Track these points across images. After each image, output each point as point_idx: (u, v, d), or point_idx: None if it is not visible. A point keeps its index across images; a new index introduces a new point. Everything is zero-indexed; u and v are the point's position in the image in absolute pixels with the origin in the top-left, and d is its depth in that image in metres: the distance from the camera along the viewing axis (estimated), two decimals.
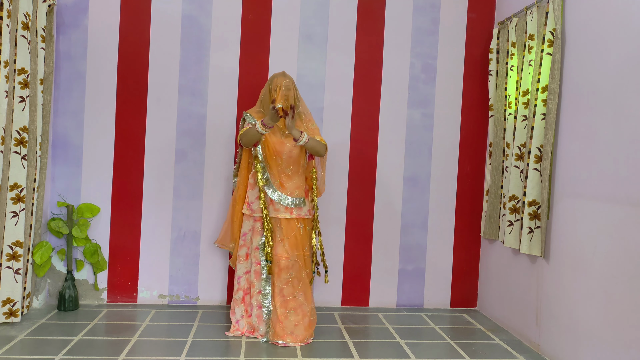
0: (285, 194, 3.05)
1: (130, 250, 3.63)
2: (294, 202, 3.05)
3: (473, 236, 3.88)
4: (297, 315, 3.00)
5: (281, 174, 3.07)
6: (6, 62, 2.89)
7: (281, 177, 3.07)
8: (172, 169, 3.64)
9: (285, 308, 2.99)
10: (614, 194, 2.43)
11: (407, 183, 3.81)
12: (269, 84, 3.11)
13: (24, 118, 3.07)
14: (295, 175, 3.10)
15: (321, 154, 3.11)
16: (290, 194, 3.06)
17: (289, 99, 3.03)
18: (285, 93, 3.02)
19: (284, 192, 3.05)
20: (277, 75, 3.10)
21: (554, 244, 2.90)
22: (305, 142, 3.00)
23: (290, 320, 2.98)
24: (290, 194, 3.06)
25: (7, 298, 3.05)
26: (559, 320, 2.82)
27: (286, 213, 3.04)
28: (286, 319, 2.98)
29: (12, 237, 3.07)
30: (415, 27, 3.79)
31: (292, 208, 3.05)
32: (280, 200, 3.03)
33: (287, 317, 2.99)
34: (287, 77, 3.09)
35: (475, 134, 3.85)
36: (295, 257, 3.03)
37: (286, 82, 3.04)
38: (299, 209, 3.07)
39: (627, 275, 2.32)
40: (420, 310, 3.77)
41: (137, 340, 2.94)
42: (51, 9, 3.36)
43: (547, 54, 2.93)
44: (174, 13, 3.62)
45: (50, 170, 3.54)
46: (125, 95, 3.60)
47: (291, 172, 3.09)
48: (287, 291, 3.01)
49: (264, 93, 3.15)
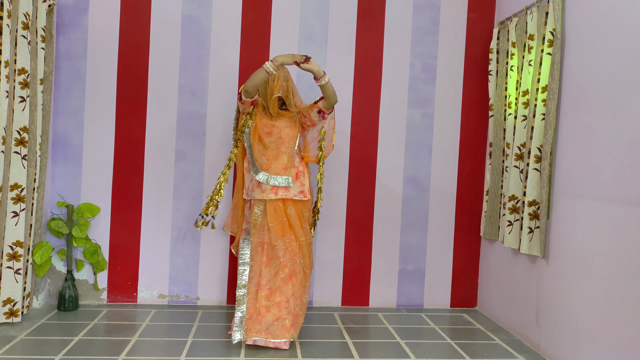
0: (270, 174, 2.97)
1: (130, 250, 3.63)
2: (278, 182, 2.97)
3: (473, 236, 3.88)
4: (280, 311, 2.90)
5: (268, 154, 3.00)
6: (6, 62, 2.89)
7: (268, 157, 2.99)
8: (172, 169, 3.64)
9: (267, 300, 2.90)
10: (614, 194, 2.43)
11: (407, 183, 3.81)
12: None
13: (24, 118, 3.07)
14: (283, 155, 3.01)
15: (333, 101, 2.99)
16: (276, 173, 2.98)
17: (288, 89, 3.02)
18: (283, 84, 3.01)
19: (270, 172, 2.98)
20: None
21: (554, 244, 2.90)
22: (327, 83, 2.91)
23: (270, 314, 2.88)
24: (276, 173, 2.98)
25: (7, 298, 3.05)
26: (559, 320, 2.82)
27: (271, 194, 2.95)
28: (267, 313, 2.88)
29: (13, 237, 3.07)
30: (415, 27, 3.79)
31: (278, 188, 2.96)
32: (267, 181, 2.96)
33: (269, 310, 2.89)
34: (284, 67, 3.07)
35: (475, 134, 3.85)
36: (284, 245, 2.94)
37: (284, 73, 3.01)
38: (286, 189, 2.98)
39: (627, 275, 2.32)
40: (420, 310, 3.77)
41: (137, 340, 2.95)
42: (51, 9, 3.36)
43: (547, 54, 2.93)
44: (174, 13, 3.62)
45: (50, 170, 3.54)
46: (125, 95, 3.60)
47: (278, 153, 3.00)
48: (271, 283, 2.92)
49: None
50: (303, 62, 2.85)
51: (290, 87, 3.03)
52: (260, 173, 2.98)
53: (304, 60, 2.85)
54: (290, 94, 3.03)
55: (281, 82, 2.99)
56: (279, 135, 3.01)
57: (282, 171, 2.99)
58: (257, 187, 3.00)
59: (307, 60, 2.86)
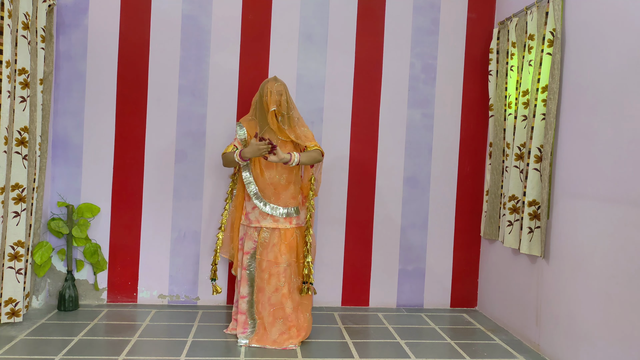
0: (279, 205, 3.00)
1: (130, 250, 3.63)
2: (288, 213, 3.01)
3: (473, 236, 3.88)
4: (284, 325, 2.96)
5: (276, 185, 3.01)
6: (7, 62, 2.89)
7: (276, 188, 3.01)
8: (172, 169, 3.64)
9: (273, 317, 2.95)
10: (614, 194, 2.43)
11: (407, 183, 3.81)
12: (261, 89, 3.05)
13: (25, 118, 3.07)
14: (291, 185, 3.04)
15: (318, 160, 3.05)
16: (284, 205, 3.01)
17: (281, 103, 3.00)
18: (277, 98, 2.99)
19: (279, 203, 3.00)
20: (269, 81, 3.04)
21: (554, 244, 2.90)
22: (298, 162, 2.93)
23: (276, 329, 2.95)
24: (284, 205, 3.01)
25: (9, 298, 3.05)
26: (559, 320, 2.82)
27: (285, 222, 3.01)
28: (272, 328, 2.94)
29: (14, 237, 3.07)
30: (415, 27, 3.79)
31: (292, 218, 3.03)
32: (273, 212, 2.99)
33: (274, 325, 2.95)
34: (279, 81, 3.03)
35: (475, 134, 3.85)
36: (286, 264, 2.99)
37: (277, 87, 2.99)
38: (297, 218, 3.06)
39: (627, 275, 2.32)
40: (420, 310, 3.77)
41: (137, 340, 2.95)
42: (51, 9, 3.36)
43: (547, 54, 2.93)
44: (174, 13, 3.62)
45: (50, 170, 3.54)
46: (125, 95, 3.60)
47: (286, 182, 3.03)
48: (274, 299, 2.96)
49: (256, 100, 3.10)
50: (269, 152, 2.86)
51: (285, 102, 3.02)
52: (268, 205, 3.00)
53: (270, 150, 2.85)
54: (285, 109, 3.03)
55: (274, 96, 2.98)
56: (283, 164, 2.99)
57: (291, 201, 3.03)
58: (268, 216, 3.01)
59: (273, 150, 2.86)
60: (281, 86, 3.02)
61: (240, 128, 3.09)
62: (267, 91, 3.00)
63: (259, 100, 3.06)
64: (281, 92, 3.00)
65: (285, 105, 3.03)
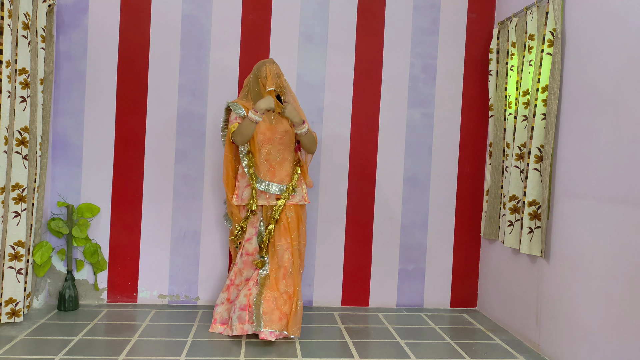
0: (274, 182, 3.01)
1: (130, 250, 3.63)
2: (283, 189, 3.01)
3: (473, 236, 3.88)
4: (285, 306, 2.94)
5: (271, 162, 3.02)
6: (8, 62, 2.89)
7: (271, 165, 3.01)
8: (172, 169, 3.64)
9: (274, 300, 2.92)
10: (614, 194, 2.43)
11: (407, 183, 3.81)
12: (257, 71, 3.06)
13: (25, 118, 3.07)
14: (286, 162, 3.05)
15: (312, 150, 3.09)
16: (279, 181, 3.02)
17: (280, 84, 3.02)
18: (276, 80, 3.01)
19: (274, 180, 3.01)
20: (265, 63, 3.06)
21: (554, 244, 2.90)
22: (306, 132, 2.98)
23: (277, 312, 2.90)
24: (279, 181, 3.02)
25: (9, 298, 3.05)
26: (559, 320, 2.82)
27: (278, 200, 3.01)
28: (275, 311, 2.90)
29: (14, 237, 3.07)
30: (415, 27, 3.79)
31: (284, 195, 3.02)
32: (268, 189, 2.99)
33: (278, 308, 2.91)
34: (275, 63, 3.07)
35: (475, 134, 3.85)
36: (285, 246, 2.98)
37: (275, 69, 3.03)
38: (292, 196, 3.04)
39: (627, 275, 2.32)
40: (420, 310, 3.77)
41: (137, 340, 2.95)
42: (51, 9, 3.36)
43: (547, 54, 2.93)
44: (174, 13, 3.62)
45: (50, 170, 3.54)
46: (125, 95, 3.60)
47: (282, 159, 3.04)
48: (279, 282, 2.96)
49: (250, 81, 3.09)
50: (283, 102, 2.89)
51: (283, 84, 3.06)
52: (263, 183, 2.99)
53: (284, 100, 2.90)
54: (283, 90, 3.06)
55: (274, 78, 3.00)
56: (280, 140, 3.01)
57: (285, 179, 3.02)
58: (262, 193, 3.00)
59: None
60: (278, 68, 3.06)
61: (238, 107, 3.04)
62: (267, 72, 3.01)
63: (254, 81, 3.06)
64: (279, 74, 3.05)
65: (284, 85, 3.07)
